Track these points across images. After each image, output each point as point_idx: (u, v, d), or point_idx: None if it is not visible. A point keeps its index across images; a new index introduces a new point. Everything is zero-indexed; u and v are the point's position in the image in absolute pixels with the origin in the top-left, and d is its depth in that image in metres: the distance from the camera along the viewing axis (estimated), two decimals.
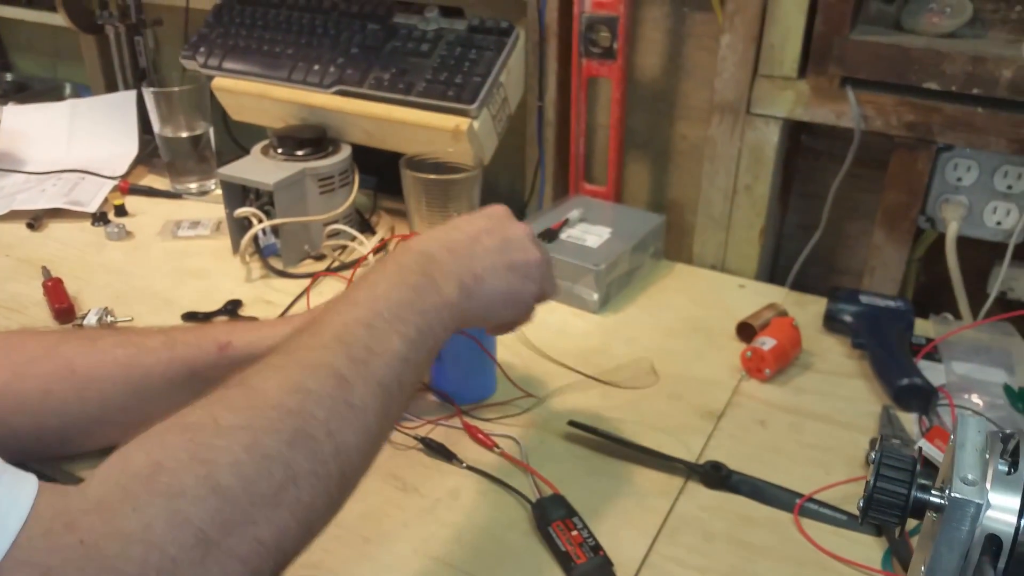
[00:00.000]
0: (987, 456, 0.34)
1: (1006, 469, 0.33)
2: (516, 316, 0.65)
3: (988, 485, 0.32)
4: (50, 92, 1.62)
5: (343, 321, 0.50)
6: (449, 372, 0.80)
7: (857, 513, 0.66)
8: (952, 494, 0.32)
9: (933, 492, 0.34)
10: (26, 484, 0.38)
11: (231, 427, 0.43)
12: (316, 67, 1.06)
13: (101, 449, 0.66)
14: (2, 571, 0.34)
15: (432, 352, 0.55)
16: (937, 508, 0.33)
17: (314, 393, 0.46)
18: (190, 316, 0.92)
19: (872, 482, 0.35)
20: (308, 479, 0.43)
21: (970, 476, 0.32)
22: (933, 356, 0.86)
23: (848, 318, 0.90)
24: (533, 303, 0.65)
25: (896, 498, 0.34)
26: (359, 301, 0.52)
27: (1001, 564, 0.32)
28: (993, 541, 0.32)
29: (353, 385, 0.47)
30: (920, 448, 0.47)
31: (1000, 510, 0.32)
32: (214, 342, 0.67)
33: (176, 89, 1.19)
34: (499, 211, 0.65)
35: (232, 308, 0.94)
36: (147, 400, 0.66)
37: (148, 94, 1.19)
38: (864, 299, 0.91)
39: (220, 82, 1.14)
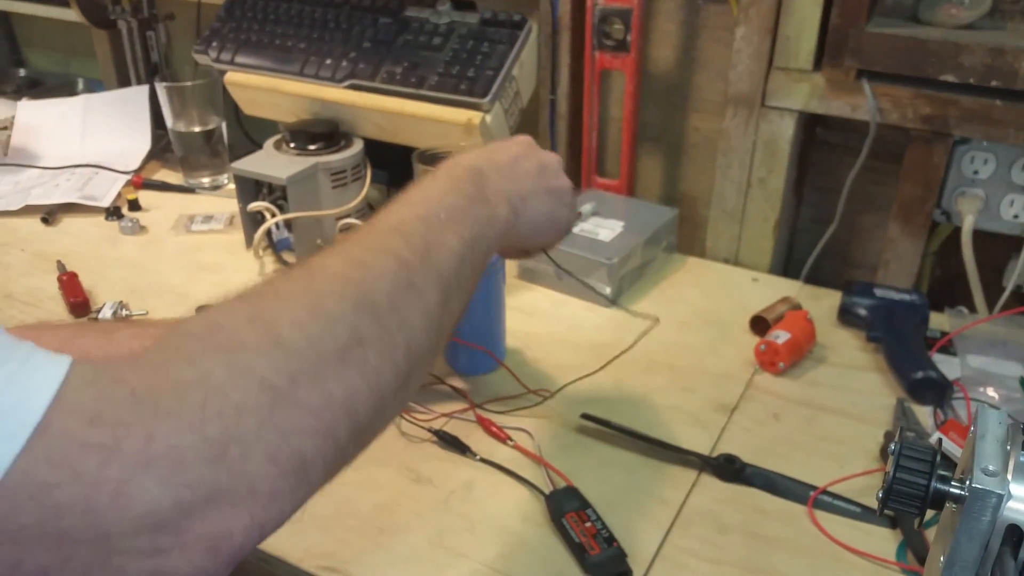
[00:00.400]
0: (1008, 447, 0.34)
1: None
2: (553, 239, 0.67)
3: (1009, 476, 0.32)
4: (63, 88, 1.62)
5: (399, 216, 0.50)
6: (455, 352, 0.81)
7: (871, 506, 0.67)
8: (973, 484, 0.32)
9: (953, 483, 0.34)
10: (61, 358, 0.35)
11: (292, 293, 0.42)
12: (328, 61, 1.06)
13: None
14: (50, 422, 0.32)
15: (483, 262, 0.55)
16: (957, 499, 0.33)
17: (376, 268, 0.45)
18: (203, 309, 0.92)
19: (892, 473, 0.35)
20: (375, 345, 0.42)
21: (991, 467, 0.32)
22: (948, 350, 0.86)
23: (862, 311, 0.90)
24: (567, 228, 0.67)
25: (916, 489, 0.34)
26: (413, 201, 0.52)
27: (1022, 555, 0.32)
28: (1014, 532, 0.32)
29: (413, 268, 0.47)
30: (940, 440, 0.46)
31: (1021, 501, 0.32)
32: None
33: (188, 84, 1.19)
34: (527, 139, 0.66)
35: None
36: None
37: (161, 89, 1.19)
38: (879, 292, 0.90)
39: (232, 76, 1.14)
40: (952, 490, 0.34)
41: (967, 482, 0.32)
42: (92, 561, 0.33)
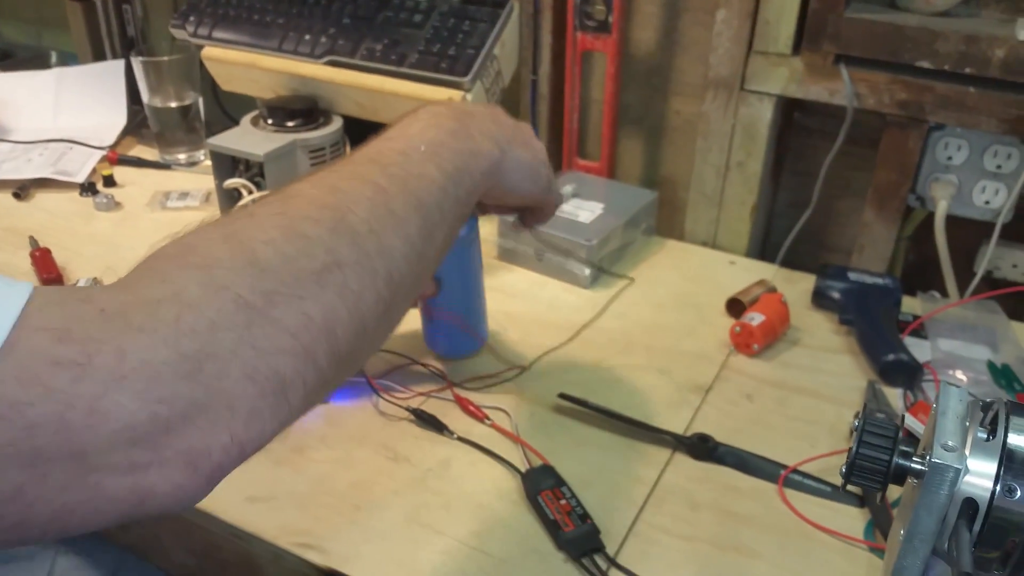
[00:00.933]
0: (967, 424, 0.35)
1: (985, 436, 0.34)
2: (535, 193, 0.63)
3: (967, 451, 0.33)
4: (36, 60, 1.60)
5: (377, 149, 0.50)
6: (442, 320, 0.81)
7: (840, 484, 0.68)
8: (933, 460, 0.32)
9: (914, 459, 0.35)
10: (23, 283, 0.34)
11: (266, 215, 0.42)
12: (307, 37, 1.05)
13: None
14: (16, 341, 0.31)
15: (470, 197, 0.54)
16: (918, 474, 0.34)
17: (352, 194, 0.45)
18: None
19: (855, 448, 0.35)
20: (354, 268, 0.42)
21: (950, 443, 0.33)
22: (919, 333, 0.87)
23: (836, 295, 0.91)
24: (546, 186, 0.64)
25: (878, 464, 0.35)
26: (392, 136, 0.52)
27: (976, 526, 0.33)
28: (970, 505, 0.33)
29: (391, 195, 0.46)
30: (903, 416, 0.47)
31: (977, 475, 0.33)
32: None
33: (165, 58, 1.17)
34: (498, 107, 0.64)
35: None
36: None
37: (137, 63, 1.17)
38: (852, 276, 0.91)
39: (210, 51, 1.13)
40: (913, 465, 0.35)
41: (927, 457, 0.33)
42: (68, 478, 0.32)
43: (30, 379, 0.31)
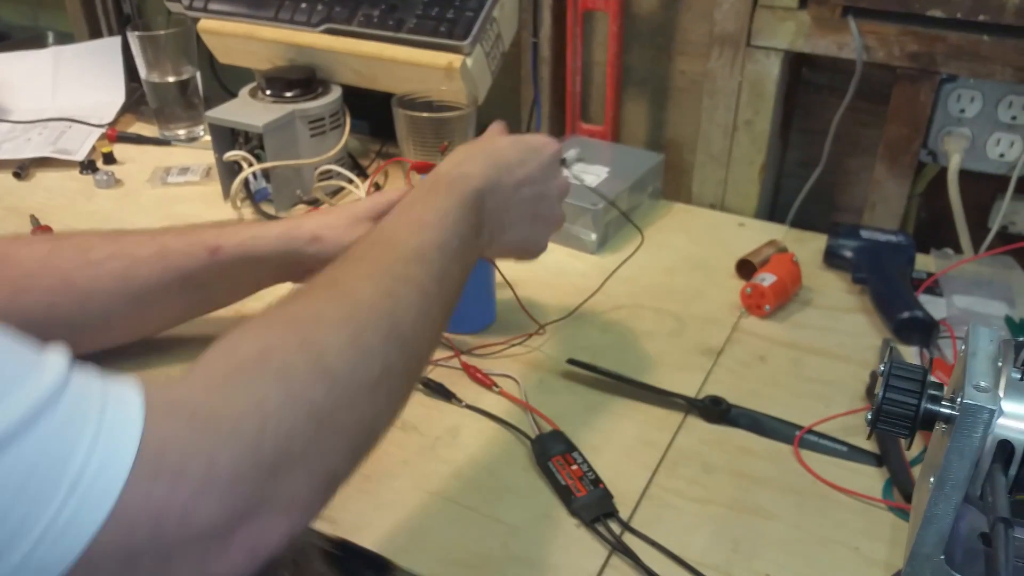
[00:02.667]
0: (999, 364, 0.33)
1: (1019, 376, 0.32)
2: (521, 258, 0.71)
3: (1001, 392, 0.32)
4: (32, 41, 1.58)
5: (420, 240, 0.54)
6: None
7: (858, 444, 0.67)
8: (965, 401, 0.31)
9: (943, 402, 0.34)
10: (133, 398, 0.37)
11: (334, 320, 0.45)
12: (303, 5, 1.03)
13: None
14: (137, 460, 0.34)
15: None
16: (947, 419, 0.33)
17: (404, 300, 0.49)
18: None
19: (881, 393, 0.34)
20: (399, 373, 0.47)
21: (983, 383, 0.32)
22: (934, 291, 0.85)
23: (849, 253, 0.89)
24: (536, 253, 0.70)
25: (906, 408, 0.34)
26: (430, 223, 0.55)
27: (1012, 471, 0.31)
28: (1005, 448, 0.31)
29: (432, 298, 0.51)
30: (931, 359, 0.46)
31: (1012, 417, 0.32)
32: (204, 247, 0.68)
33: (162, 33, 1.16)
34: (549, 156, 0.67)
35: None
36: (145, 307, 0.68)
37: (133, 38, 1.16)
38: (865, 234, 0.90)
39: (206, 24, 1.11)
40: (942, 410, 0.33)
41: (958, 400, 0.32)
42: (152, 569, 0.35)
43: (133, 489, 0.34)
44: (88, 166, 1.14)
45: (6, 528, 0.31)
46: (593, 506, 0.61)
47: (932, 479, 0.32)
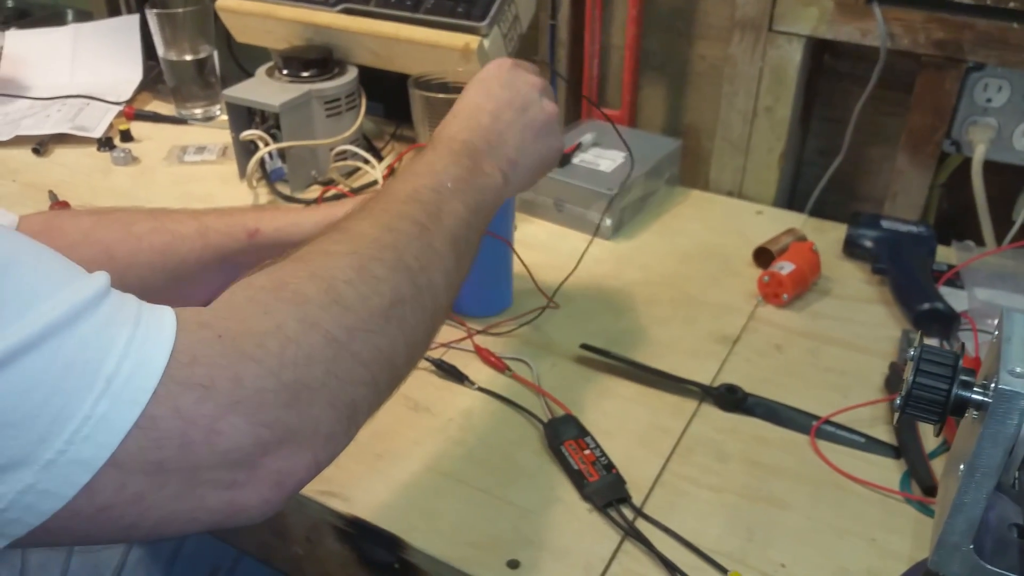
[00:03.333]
0: None
1: None
2: (545, 173, 0.69)
3: None
4: (52, 19, 1.58)
5: (413, 186, 0.54)
6: (467, 284, 0.79)
7: (876, 436, 0.66)
8: (1000, 387, 0.30)
9: (975, 389, 0.33)
10: (166, 314, 0.38)
11: (340, 253, 0.46)
12: None
13: None
14: (168, 368, 0.35)
15: (484, 225, 0.59)
16: (979, 405, 0.32)
17: (404, 233, 0.50)
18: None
19: (912, 378, 0.33)
20: (410, 303, 0.47)
21: (1018, 369, 0.31)
22: (955, 283, 0.84)
23: (869, 243, 0.88)
24: (557, 156, 0.69)
25: (937, 394, 0.33)
26: (421, 173, 0.56)
27: None
28: None
29: (432, 232, 0.51)
30: (963, 344, 0.45)
31: None
32: (244, 229, 0.69)
33: (180, 11, 1.15)
34: (503, 69, 0.66)
35: None
36: (183, 283, 0.69)
37: (151, 16, 1.16)
38: (886, 224, 0.88)
39: (224, 2, 1.10)
40: (974, 396, 0.33)
41: (992, 386, 0.31)
42: (180, 489, 0.36)
43: (163, 397, 0.35)
44: (105, 143, 1.14)
45: (43, 420, 0.32)
46: (606, 491, 0.61)
47: (962, 467, 0.31)
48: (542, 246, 0.92)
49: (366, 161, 0.99)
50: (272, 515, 0.40)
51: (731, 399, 0.70)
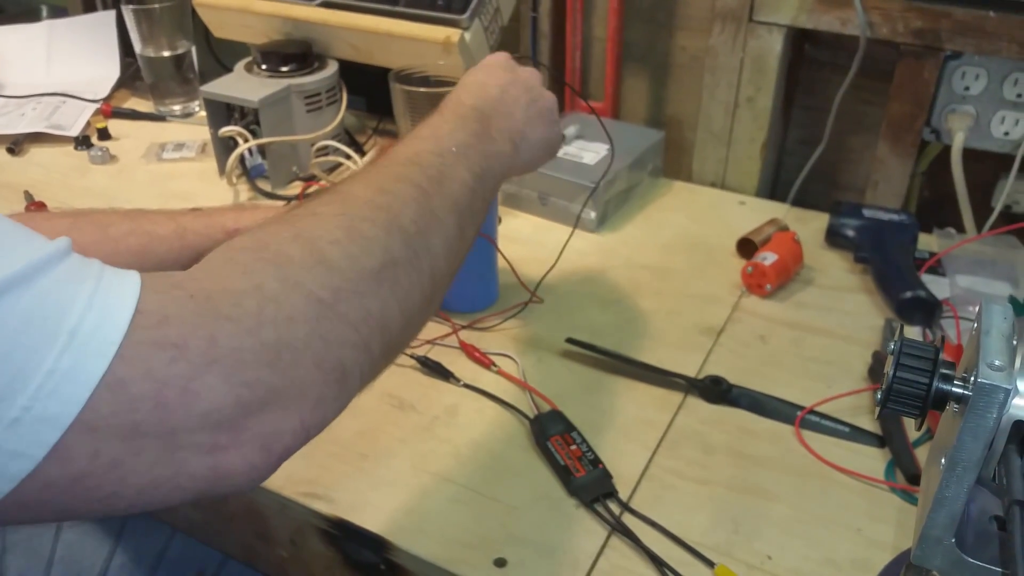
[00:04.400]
0: (1014, 343, 0.32)
1: None
2: (548, 158, 0.69)
3: (1016, 371, 0.31)
4: (26, 15, 1.56)
5: (415, 149, 0.53)
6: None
7: (860, 425, 0.66)
8: (979, 380, 0.30)
9: (956, 382, 0.33)
10: (130, 273, 0.37)
11: (328, 214, 0.45)
12: None
13: None
14: (132, 328, 0.34)
15: (491, 194, 0.58)
16: (959, 398, 0.32)
17: (400, 195, 0.48)
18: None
19: (892, 372, 0.33)
20: (404, 266, 0.45)
21: (997, 362, 0.31)
22: (936, 270, 0.85)
23: (851, 232, 0.88)
24: (558, 145, 0.70)
25: (917, 388, 0.33)
26: (425, 137, 0.55)
27: None
28: (1020, 429, 0.31)
29: (432, 196, 0.50)
30: (943, 337, 0.45)
31: None
32: (222, 230, 0.68)
33: (156, 6, 1.14)
34: (503, 58, 0.67)
35: None
36: None
37: (128, 12, 1.14)
38: (867, 213, 0.89)
39: None
40: (955, 389, 0.33)
41: (971, 379, 0.31)
42: (158, 454, 0.35)
43: (133, 358, 0.33)
44: (83, 142, 1.13)
45: (2, 377, 0.31)
46: (592, 486, 0.61)
47: (943, 460, 0.32)
48: (527, 240, 0.92)
49: (348, 156, 0.99)
50: (260, 482, 0.38)
51: (716, 391, 0.70)
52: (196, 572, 0.85)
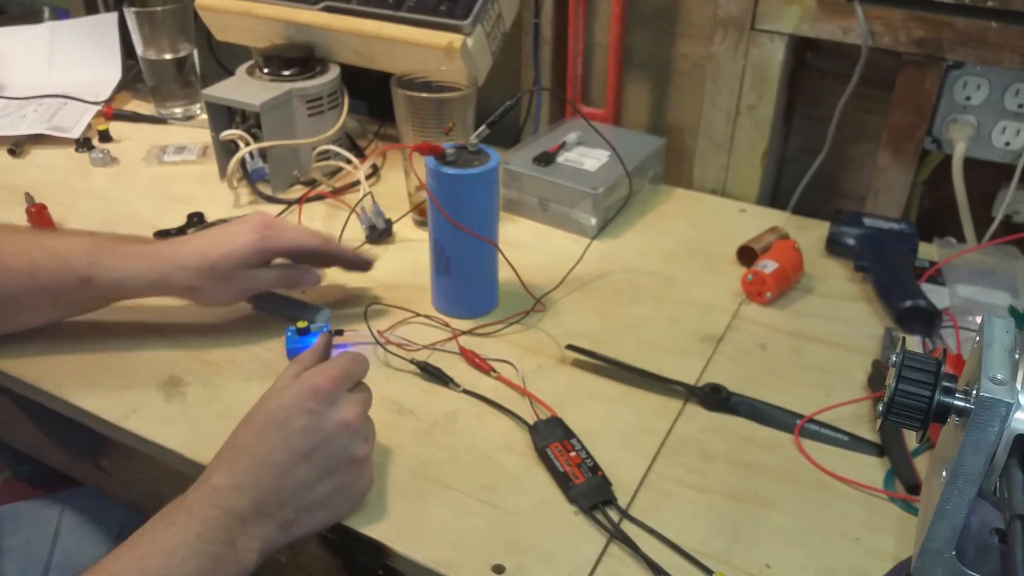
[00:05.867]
0: (1016, 356, 0.32)
1: None
2: (347, 514, 0.58)
3: (1018, 385, 0.31)
4: (28, 16, 1.56)
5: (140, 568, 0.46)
6: (452, 286, 0.79)
7: (859, 434, 0.66)
8: (981, 394, 0.30)
9: (958, 395, 0.33)
10: None
11: None
12: None
13: None
14: None
15: None
16: (961, 412, 0.32)
17: None
18: (162, 234, 0.92)
19: (894, 385, 0.33)
20: None
21: (999, 376, 0.31)
22: (936, 280, 0.85)
23: (851, 241, 0.88)
24: (360, 497, 0.59)
25: (919, 400, 0.33)
26: (152, 563, 0.47)
27: None
28: (1022, 442, 0.31)
29: None
30: (944, 350, 0.45)
31: None
32: (75, 276, 0.68)
33: (159, 9, 1.14)
34: (322, 382, 0.55)
35: (198, 221, 0.94)
36: (14, 314, 0.69)
37: (130, 14, 1.14)
38: (868, 222, 0.89)
39: (203, 0, 1.09)
40: (956, 402, 0.33)
41: (973, 393, 0.31)
42: None
43: None
44: (84, 144, 1.13)
45: None
46: (591, 493, 0.61)
47: (944, 473, 0.31)
48: (527, 246, 0.92)
49: (348, 161, 0.99)
50: None
51: (716, 399, 0.70)
52: None
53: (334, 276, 0.86)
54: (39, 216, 0.93)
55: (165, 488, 0.76)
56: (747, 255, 0.88)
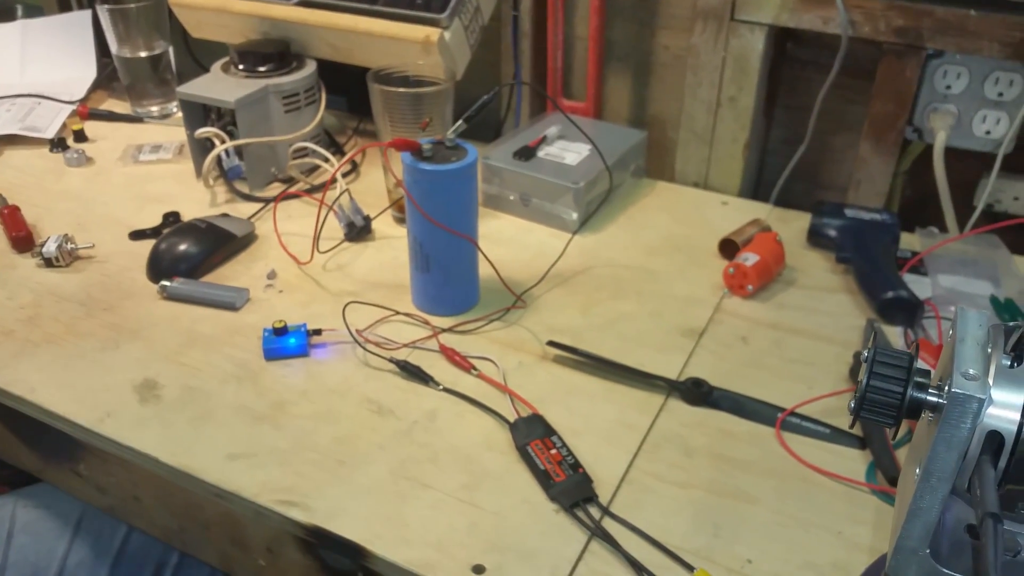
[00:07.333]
0: (989, 350, 0.32)
1: (1009, 363, 0.31)
2: None
3: (990, 380, 0.30)
4: (0, 14, 1.54)
5: None
6: (432, 283, 0.78)
7: (841, 427, 0.66)
8: (952, 390, 0.30)
9: (930, 390, 0.32)
10: None
11: None
12: None
13: None
14: None
15: None
16: (934, 407, 0.31)
17: None
18: (137, 234, 0.91)
19: (865, 380, 0.33)
20: None
21: (971, 371, 0.30)
22: (919, 270, 0.84)
23: (832, 232, 0.88)
24: None
25: (891, 397, 0.32)
26: None
27: (1002, 463, 0.30)
28: (994, 439, 0.30)
29: None
30: (916, 344, 0.45)
31: (1003, 406, 0.30)
32: None
33: (133, 6, 1.13)
34: None
35: (174, 221, 0.93)
36: None
37: (103, 12, 1.13)
38: (849, 212, 0.89)
39: None
40: (929, 398, 0.32)
41: (946, 388, 0.30)
42: None
43: None
44: (58, 144, 1.11)
45: None
46: (572, 491, 0.60)
47: (918, 470, 0.31)
48: (508, 241, 0.91)
49: (326, 159, 0.98)
50: None
51: (697, 393, 0.70)
52: (154, 567, 0.84)
53: (312, 274, 0.85)
54: (12, 218, 0.91)
55: (143, 493, 0.75)
56: (729, 248, 0.88)
